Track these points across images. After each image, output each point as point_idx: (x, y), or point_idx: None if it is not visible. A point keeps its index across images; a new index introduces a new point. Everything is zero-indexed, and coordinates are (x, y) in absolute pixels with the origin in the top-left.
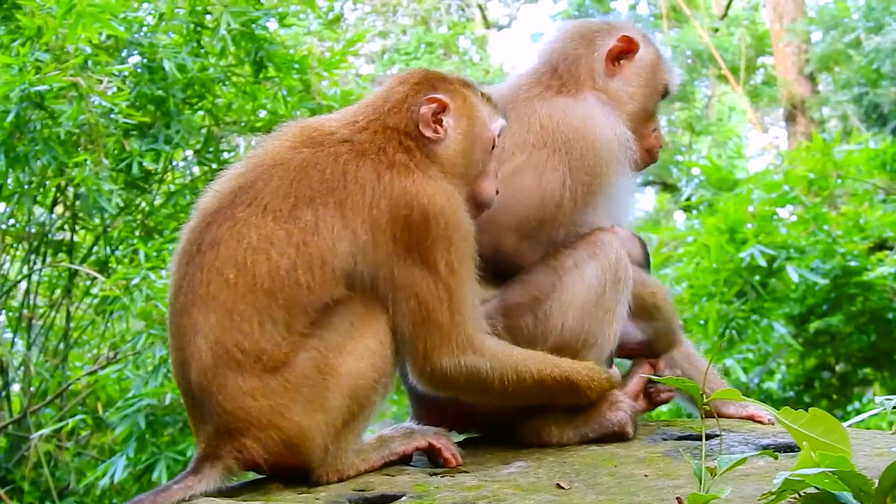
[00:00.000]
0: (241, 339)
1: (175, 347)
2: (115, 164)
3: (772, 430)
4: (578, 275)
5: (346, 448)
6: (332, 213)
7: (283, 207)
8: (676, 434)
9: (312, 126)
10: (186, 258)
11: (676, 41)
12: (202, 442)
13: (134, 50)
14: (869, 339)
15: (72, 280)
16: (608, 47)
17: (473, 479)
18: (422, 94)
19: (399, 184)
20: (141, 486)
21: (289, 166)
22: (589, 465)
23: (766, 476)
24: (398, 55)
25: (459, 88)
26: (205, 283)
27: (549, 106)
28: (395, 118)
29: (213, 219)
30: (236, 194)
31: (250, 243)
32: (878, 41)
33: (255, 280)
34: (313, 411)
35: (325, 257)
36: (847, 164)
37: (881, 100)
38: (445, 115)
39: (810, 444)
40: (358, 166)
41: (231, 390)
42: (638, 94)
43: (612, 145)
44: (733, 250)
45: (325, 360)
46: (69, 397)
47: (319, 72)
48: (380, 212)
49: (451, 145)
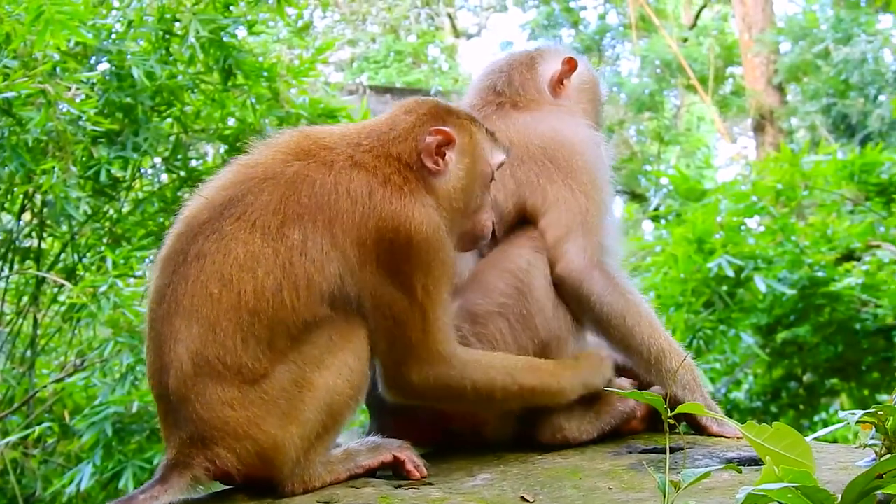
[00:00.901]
0: (223, 353)
1: (153, 353)
2: (83, 172)
3: (736, 444)
4: (537, 272)
5: (315, 460)
6: (321, 233)
7: (272, 224)
8: (641, 447)
9: (310, 137)
10: (171, 266)
11: (645, 51)
12: (173, 448)
13: (102, 57)
14: (836, 350)
15: (39, 287)
16: (554, 71)
17: (438, 491)
18: (428, 125)
19: (389, 205)
20: (108, 493)
21: (279, 180)
22: (553, 478)
23: (730, 490)
24: (367, 63)
25: (467, 124)
26: (189, 294)
27: (511, 121)
28: (398, 147)
29: (200, 230)
30: (225, 206)
31: (237, 259)
32: (846, 52)
33: (240, 298)
34: (288, 424)
35: (311, 277)
36: (815, 175)
37: (849, 110)
38: (449, 149)
39: (774, 459)
40: (351, 178)
41: (209, 399)
42: (590, 109)
43: (591, 144)
44: (701, 260)
45: (303, 374)
46: (36, 405)
47: (288, 80)
48: (367, 231)
49: (451, 180)
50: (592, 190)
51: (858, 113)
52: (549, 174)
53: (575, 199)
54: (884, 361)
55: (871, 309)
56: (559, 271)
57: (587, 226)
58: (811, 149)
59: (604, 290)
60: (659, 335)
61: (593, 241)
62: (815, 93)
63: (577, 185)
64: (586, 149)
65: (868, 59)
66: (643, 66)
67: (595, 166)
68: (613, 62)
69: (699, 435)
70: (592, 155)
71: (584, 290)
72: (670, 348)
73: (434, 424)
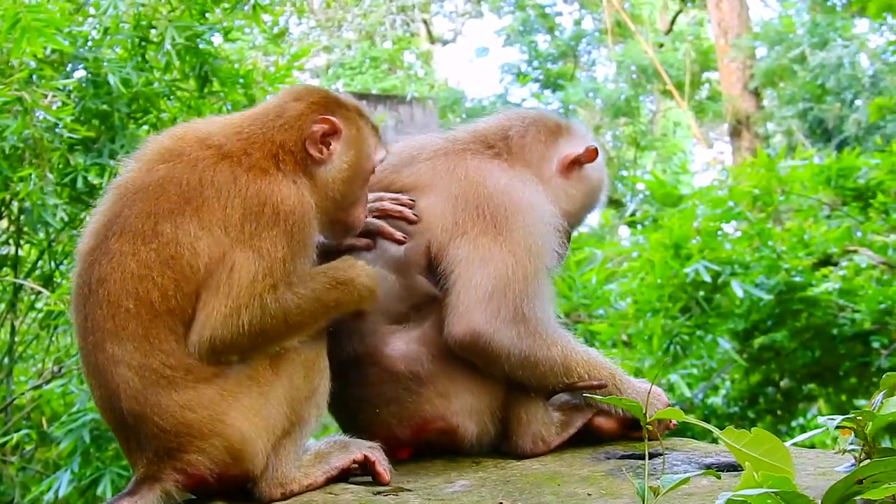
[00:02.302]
0: (165, 358)
1: (97, 385)
2: (60, 179)
3: (715, 449)
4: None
5: (287, 461)
6: (188, 220)
7: (147, 228)
8: (619, 453)
9: (178, 136)
10: (82, 300)
11: (621, 56)
12: (140, 468)
13: (79, 64)
14: (813, 355)
15: (16, 294)
16: (574, 153)
17: (417, 497)
18: (316, 114)
19: (254, 185)
20: (86, 500)
21: (148, 188)
22: (532, 484)
23: (708, 495)
24: (343, 70)
25: (355, 117)
26: (109, 317)
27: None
28: (283, 135)
29: (92, 258)
30: (107, 227)
31: (133, 273)
32: (822, 56)
33: (154, 305)
34: (252, 416)
35: (191, 263)
36: (792, 180)
37: (825, 115)
38: (334, 140)
39: (753, 464)
40: (215, 171)
41: (167, 407)
42: (578, 201)
43: (547, 219)
44: (678, 266)
45: (256, 370)
46: (14, 412)
47: (264, 86)
48: (233, 210)
49: (332, 171)
50: (525, 253)
51: (835, 118)
52: (485, 226)
53: (502, 259)
54: (861, 366)
55: (849, 314)
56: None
57: (507, 290)
58: (788, 154)
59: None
60: (573, 368)
61: (509, 305)
62: (792, 97)
63: (508, 244)
64: (536, 217)
65: (844, 64)
66: (619, 71)
67: (538, 234)
68: (589, 68)
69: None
70: (542, 225)
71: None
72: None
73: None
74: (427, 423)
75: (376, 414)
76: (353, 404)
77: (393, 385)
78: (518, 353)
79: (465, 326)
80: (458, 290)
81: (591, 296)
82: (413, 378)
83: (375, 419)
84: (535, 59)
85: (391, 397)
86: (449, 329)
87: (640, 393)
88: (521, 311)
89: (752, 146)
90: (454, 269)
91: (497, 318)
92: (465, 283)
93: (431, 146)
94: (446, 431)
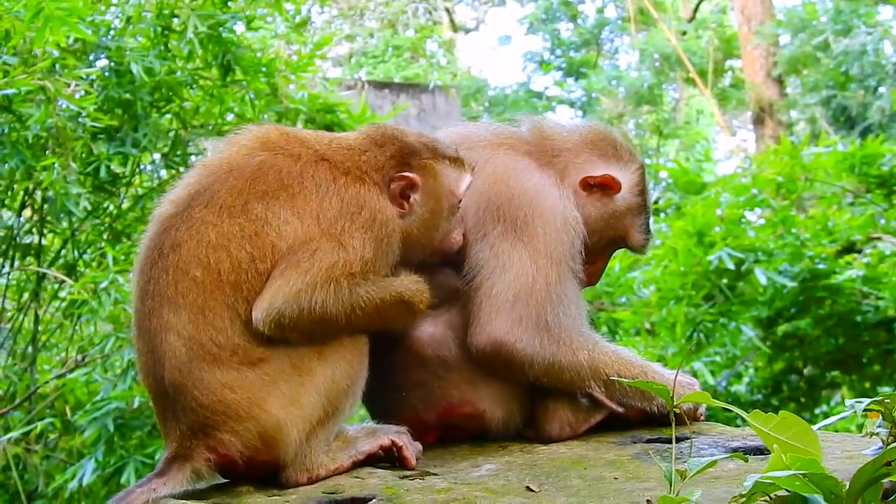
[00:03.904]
0: (216, 335)
1: (145, 350)
2: (83, 168)
3: (741, 433)
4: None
5: (317, 448)
6: (281, 204)
7: (237, 204)
8: (646, 437)
9: (281, 130)
10: (149, 263)
11: (644, 44)
12: (173, 442)
13: (101, 53)
14: (837, 343)
15: (40, 283)
16: (600, 173)
17: (443, 481)
18: (395, 170)
19: (353, 188)
20: (110, 489)
21: (245, 169)
22: (558, 468)
23: (736, 479)
24: (365, 58)
25: (430, 164)
26: (172, 283)
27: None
28: (368, 169)
29: (170, 223)
30: (192, 198)
31: (210, 242)
32: (846, 44)
33: (221, 276)
34: (290, 405)
35: (274, 243)
36: (815, 168)
37: (849, 102)
38: (414, 193)
39: (781, 447)
40: (316, 168)
41: (208, 383)
42: (592, 221)
43: (568, 218)
44: (701, 253)
45: (301, 359)
46: (37, 400)
47: (287, 75)
48: (330, 205)
49: (416, 221)
50: (546, 260)
51: (858, 105)
52: (504, 229)
53: (523, 266)
54: (885, 354)
55: (872, 301)
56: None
57: (529, 298)
58: (811, 141)
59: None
60: (601, 371)
61: (531, 313)
62: (815, 85)
63: (529, 250)
64: (559, 221)
65: (868, 51)
66: (642, 59)
67: (560, 239)
68: (612, 56)
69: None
70: (564, 230)
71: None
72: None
73: (437, 418)
74: (453, 408)
75: (403, 397)
76: (380, 387)
77: (420, 369)
78: (542, 361)
79: (486, 337)
80: (480, 298)
81: (615, 283)
82: (440, 362)
83: (402, 403)
84: (557, 48)
85: (418, 381)
86: (471, 339)
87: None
88: (544, 318)
89: (776, 134)
90: (475, 275)
91: (519, 328)
92: (487, 291)
93: (475, 136)
94: (473, 416)
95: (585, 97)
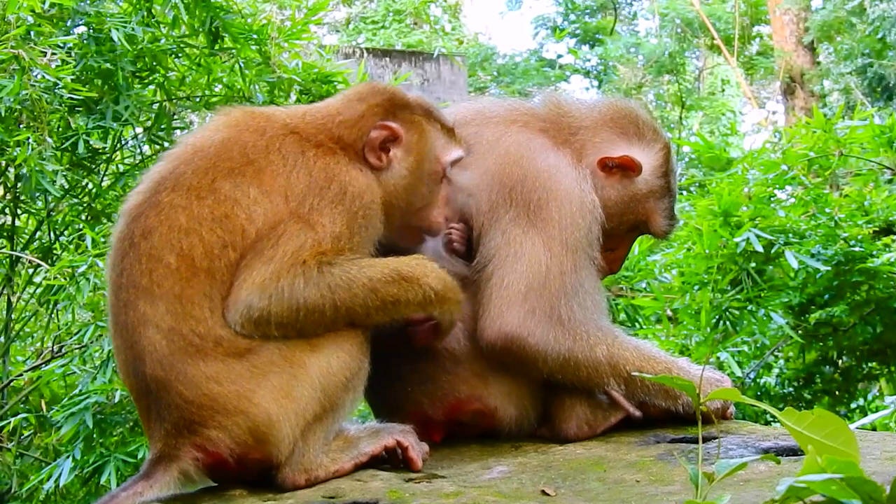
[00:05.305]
0: (196, 325)
1: (123, 346)
2: (60, 143)
3: (773, 432)
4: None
5: (315, 447)
6: (249, 182)
7: (204, 183)
8: (670, 436)
9: (247, 111)
10: (121, 255)
11: (665, 8)
12: (158, 442)
13: (80, 19)
14: (874, 331)
15: (13, 268)
16: (619, 154)
17: (452, 485)
18: (378, 118)
19: (322, 161)
20: (88, 489)
21: (209, 148)
22: (576, 470)
23: (767, 482)
24: (364, 24)
25: (419, 120)
26: (146, 272)
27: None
28: (343, 131)
29: (139, 211)
30: (159, 182)
31: (181, 226)
32: (883, 8)
33: (195, 263)
34: (282, 398)
35: (244, 227)
36: (850, 142)
37: (886, 71)
38: (395, 146)
39: (815, 448)
40: (283, 141)
41: (192, 377)
42: (611, 205)
43: (584, 200)
44: (727, 235)
45: (292, 350)
46: (10, 394)
47: (279, 42)
48: (298, 180)
49: (393, 178)
50: (561, 247)
51: None
52: (517, 214)
53: (536, 254)
54: None
55: None
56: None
57: (542, 289)
58: (846, 113)
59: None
60: (621, 367)
61: (544, 305)
62: (850, 53)
63: (543, 237)
64: (574, 205)
65: None
66: (662, 25)
67: (576, 224)
68: (630, 21)
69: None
70: (580, 214)
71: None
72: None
73: (444, 415)
74: (462, 404)
75: (408, 392)
76: (384, 381)
77: (427, 362)
78: (556, 356)
79: (497, 330)
80: (490, 289)
81: (634, 267)
82: (448, 355)
83: (407, 398)
84: (571, 12)
85: (425, 375)
86: (481, 333)
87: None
88: (558, 311)
89: (807, 105)
90: (486, 263)
91: (532, 321)
92: (498, 281)
93: (488, 112)
94: (482, 413)
95: (601, 66)
